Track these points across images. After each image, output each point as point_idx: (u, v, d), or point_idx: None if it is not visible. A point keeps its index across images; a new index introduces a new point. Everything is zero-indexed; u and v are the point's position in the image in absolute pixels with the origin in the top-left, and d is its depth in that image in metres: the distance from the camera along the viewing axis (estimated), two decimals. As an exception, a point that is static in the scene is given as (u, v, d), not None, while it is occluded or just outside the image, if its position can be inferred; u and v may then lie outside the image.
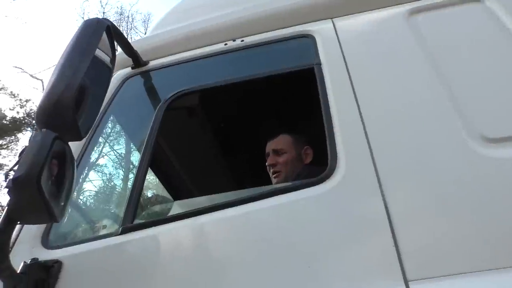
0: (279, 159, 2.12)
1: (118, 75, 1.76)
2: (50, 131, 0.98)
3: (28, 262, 1.14)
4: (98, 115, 1.52)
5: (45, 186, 0.92)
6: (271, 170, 2.13)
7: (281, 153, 2.13)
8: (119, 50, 1.72)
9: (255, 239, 1.14)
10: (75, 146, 1.44)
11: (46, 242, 1.26)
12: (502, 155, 1.13)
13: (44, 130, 0.98)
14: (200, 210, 1.22)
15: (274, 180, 2.11)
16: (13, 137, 20.40)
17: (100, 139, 1.77)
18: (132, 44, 1.73)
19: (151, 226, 1.23)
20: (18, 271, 1.08)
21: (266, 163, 2.16)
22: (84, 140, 1.40)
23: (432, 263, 0.99)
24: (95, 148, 1.64)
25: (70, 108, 1.02)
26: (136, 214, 1.27)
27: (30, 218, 0.99)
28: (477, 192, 1.08)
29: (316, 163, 2.04)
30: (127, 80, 1.75)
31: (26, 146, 0.96)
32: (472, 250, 1.00)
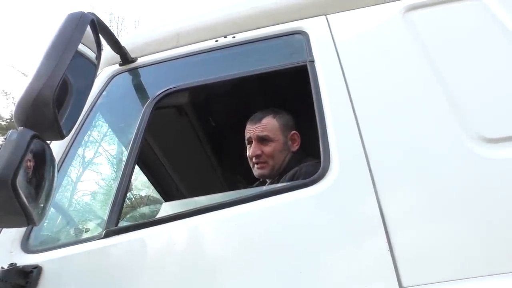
0: (265, 149, 1.87)
1: (105, 72, 1.71)
2: (28, 130, 0.93)
3: (6, 268, 1.10)
4: (84, 114, 1.48)
5: (21, 188, 0.88)
6: (254, 160, 1.90)
7: (267, 141, 1.88)
8: (107, 46, 1.67)
9: (244, 243, 1.10)
10: (58, 146, 1.39)
11: (26, 246, 1.21)
12: (501, 155, 1.10)
13: (21, 128, 0.93)
14: (187, 213, 1.18)
15: (257, 171, 1.90)
16: (7, 137, 19.99)
17: (86, 139, 1.72)
18: (120, 40, 1.67)
19: (135, 229, 1.19)
20: None
21: (249, 153, 1.91)
22: (67, 139, 1.35)
23: (428, 268, 0.96)
24: (80, 148, 1.59)
25: (50, 105, 0.97)
26: (120, 217, 1.23)
27: (6, 220, 0.95)
28: (475, 194, 1.05)
29: (303, 150, 1.94)
30: (114, 77, 1.69)
31: (1, 145, 0.91)
32: (469, 254, 0.97)
